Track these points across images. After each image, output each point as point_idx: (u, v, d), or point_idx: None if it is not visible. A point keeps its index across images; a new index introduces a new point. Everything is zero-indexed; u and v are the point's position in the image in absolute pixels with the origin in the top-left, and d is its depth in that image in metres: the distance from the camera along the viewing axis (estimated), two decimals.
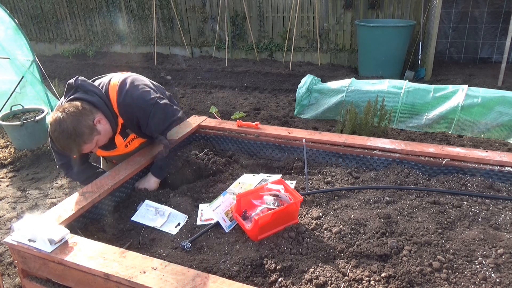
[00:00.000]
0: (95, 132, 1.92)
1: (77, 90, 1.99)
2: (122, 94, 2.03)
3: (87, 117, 1.89)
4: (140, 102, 2.04)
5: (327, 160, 2.33)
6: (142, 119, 2.08)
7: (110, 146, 2.15)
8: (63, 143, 1.85)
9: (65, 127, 1.81)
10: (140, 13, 8.77)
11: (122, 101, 2.02)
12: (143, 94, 2.06)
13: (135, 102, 2.03)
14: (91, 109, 1.92)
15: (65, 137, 1.83)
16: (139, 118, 2.07)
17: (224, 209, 1.74)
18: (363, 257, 1.53)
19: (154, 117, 2.06)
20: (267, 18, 7.91)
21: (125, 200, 2.02)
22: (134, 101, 2.03)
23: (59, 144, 1.87)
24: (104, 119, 1.98)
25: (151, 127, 2.09)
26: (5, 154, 4.60)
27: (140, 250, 1.64)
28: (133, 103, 2.03)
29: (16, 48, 4.89)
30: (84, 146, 1.91)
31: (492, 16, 6.76)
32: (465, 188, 1.94)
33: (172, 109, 2.17)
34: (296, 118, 5.20)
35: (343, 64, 7.66)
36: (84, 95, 1.96)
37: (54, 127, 1.84)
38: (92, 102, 1.94)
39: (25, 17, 9.85)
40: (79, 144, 1.88)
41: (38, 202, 3.74)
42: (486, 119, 4.31)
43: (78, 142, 1.86)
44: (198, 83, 7.06)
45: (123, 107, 2.03)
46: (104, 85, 2.06)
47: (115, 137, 2.13)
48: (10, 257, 2.98)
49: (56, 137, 1.85)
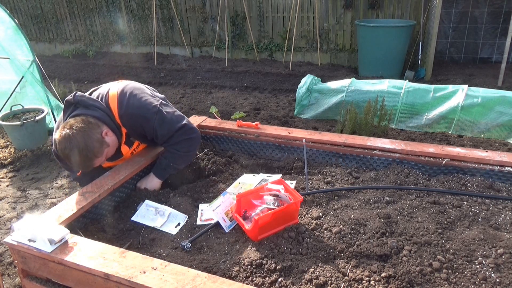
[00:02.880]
0: (105, 145, 1.93)
1: (77, 106, 1.97)
2: (123, 105, 2.01)
3: (95, 130, 1.88)
4: (142, 111, 2.02)
5: (327, 160, 2.33)
6: (147, 128, 2.05)
7: (116, 156, 2.14)
8: (75, 160, 1.83)
9: (76, 144, 1.80)
10: (140, 13, 8.77)
11: (125, 112, 2.01)
12: (145, 103, 2.03)
13: (137, 112, 2.02)
14: (97, 123, 1.91)
15: (76, 154, 1.81)
16: (143, 127, 2.06)
17: (224, 209, 1.74)
18: (363, 257, 1.53)
19: (159, 125, 2.04)
20: (267, 18, 7.91)
21: (125, 200, 2.02)
22: (136, 111, 2.01)
23: (70, 161, 1.86)
24: (110, 131, 1.97)
25: (158, 135, 2.07)
26: (5, 154, 4.60)
27: (140, 250, 1.64)
28: (136, 112, 2.01)
29: (16, 48, 4.89)
30: (96, 160, 1.91)
31: (492, 16, 6.76)
32: (465, 188, 1.94)
33: (176, 115, 2.12)
34: (296, 118, 5.20)
35: (343, 64, 7.66)
36: (86, 110, 1.94)
37: (64, 145, 1.81)
38: (96, 116, 1.93)
39: (25, 17, 9.85)
40: (91, 159, 1.87)
41: (38, 202, 3.74)
42: (486, 119, 4.31)
43: (90, 157, 1.86)
44: (198, 83, 7.05)
45: (126, 118, 2.02)
46: (103, 97, 2.04)
47: (121, 147, 2.12)
48: (10, 257, 2.98)
49: (67, 155, 1.83)
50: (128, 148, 2.16)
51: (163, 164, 2.12)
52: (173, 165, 2.12)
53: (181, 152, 2.11)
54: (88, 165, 1.91)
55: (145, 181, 2.12)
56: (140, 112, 2.02)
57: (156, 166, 2.14)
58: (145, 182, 2.11)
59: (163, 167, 2.12)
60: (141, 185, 2.11)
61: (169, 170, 2.13)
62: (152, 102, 2.05)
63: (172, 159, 2.11)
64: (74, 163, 1.86)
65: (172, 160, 2.11)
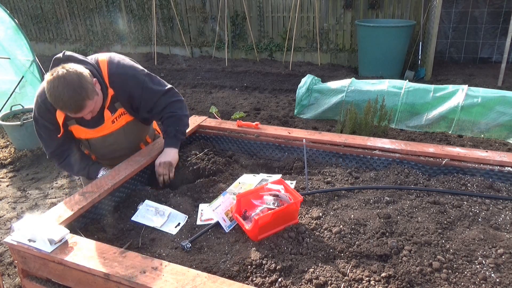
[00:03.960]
0: (95, 92, 1.90)
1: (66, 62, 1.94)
2: (114, 65, 2.04)
3: (87, 76, 1.87)
4: (133, 71, 2.07)
5: (327, 160, 2.33)
6: (136, 89, 2.06)
7: (98, 121, 2.09)
8: (67, 97, 1.77)
9: (70, 80, 1.77)
10: (140, 13, 8.77)
11: (115, 71, 2.02)
12: (135, 66, 2.12)
13: (128, 71, 2.05)
14: (88, 73, 1.89)
15: (70, 90, 1.76)
16: (132, 88, 2.06)
17: (224, 209, 1.74)
18: (363, 257, 1.53)
19: (149, 85, 2.08)
20: (267, 18, 7.91)
21: (125, 200, 2.02)
22: (127, 70, 2.05)
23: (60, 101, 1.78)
24: (98, 85, 1.96)
25: (147, 99, 2.09)
26: (5, 154, 4.60)
27: (140, 250, 1.64)
28: (126, 71, 2.04)
29: (16, 48, 4.89)
30: (87, 103, 1.85)
31: (492, 16, 6.76)
32: (465, 188, 1.94)
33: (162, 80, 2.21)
34: (296, 118, 5.20)
35: (343, 64, 7.66)
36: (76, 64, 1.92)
37: (56, 82, 1.76)
38: (88, 68, 1.93)
39: (25, 17, 9.85)
40: (83, 99, 1.81)
41: (38, 202, 3.74)
42: (486, 119, 4.31)
43: (82, 97, 1.81)
44: (198, 83, 7.06)
45: (115, 77, 2.03)
46: (93, 59, 2.07)
47: (104, 112, 2.09)
48: (10, 257, 2.98)
49: (59, 92, 1.77)
50: (110, 114, 2.10)
51: (171, 133, 2.17)
52: (179, 129, 2.19)
53: (178, 113, 2.18)
54: (79, 106, 1.82)
55: (163, 156, 2.13)
56: (130, 71, 2.06)
57: (166, 140, 2.18)
58: (164, 157, 2.12)
59: (172, 135, 2.17)
60: (161, 161, 2.12)
61: (178, 136, 2.19)
62: (141, 67, 2.15)
63: (175, 124, 2.17)
64: (64, 102, 1.79)
65: (175, 124, 2.17)
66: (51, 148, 2.13)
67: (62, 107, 1.84)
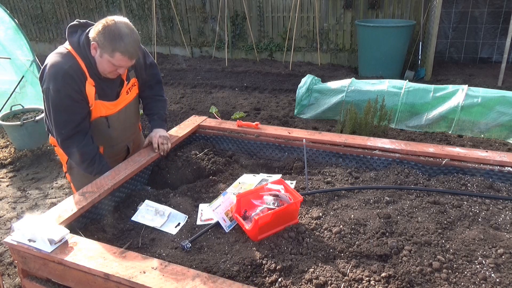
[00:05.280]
0: None
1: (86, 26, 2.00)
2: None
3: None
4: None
5: (327, 160, 2.33)
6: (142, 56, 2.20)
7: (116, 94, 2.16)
8: (133, 39, 1.87)
9: (132, 26, 1.90)
10: (140, 13, 8.77)
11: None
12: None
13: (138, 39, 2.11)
14: None
15: (135, 34, 1.90)
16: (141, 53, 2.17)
17: (224, 209, 1.74)
18: (363, 257, 1.53)
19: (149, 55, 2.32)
20: (267, 18, 7.91)
21: (125, 200, 2.02)
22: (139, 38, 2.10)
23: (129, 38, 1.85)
24: None
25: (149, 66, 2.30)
26: (5, 154, 4.60)
27: (140, 250, 1.64)
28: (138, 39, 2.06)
29: (16, 48, 4.90)
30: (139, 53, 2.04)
31: (492, 16, 6.76)
32: (465, 188, 1.94)
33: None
34: (296, 118, 5.20)
35: (343, 64, 7.66)
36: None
37: (121, 25, 1.85)
38: None
39: (25, 17, 9.85)
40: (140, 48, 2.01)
41: (38, 202, 3.74)
42: (486, 119, 4.31)
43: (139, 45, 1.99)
44: (198, 83, 7.05)
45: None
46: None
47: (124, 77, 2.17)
48: (10, 257, 2.98)
49: (127, 33, 1.85)
50: (125, 83, 2.18)
51: (162, 116, 2.39)
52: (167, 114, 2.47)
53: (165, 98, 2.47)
54: (136, 53, 1.95)
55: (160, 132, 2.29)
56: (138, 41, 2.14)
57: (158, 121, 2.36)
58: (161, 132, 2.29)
59: (163, 118, 2.39)
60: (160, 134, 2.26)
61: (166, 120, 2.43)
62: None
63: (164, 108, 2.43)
64: (131, 42, 1.87)
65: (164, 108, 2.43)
66: (73, 123, 1.94)
67: (127, 46, 1.86)
